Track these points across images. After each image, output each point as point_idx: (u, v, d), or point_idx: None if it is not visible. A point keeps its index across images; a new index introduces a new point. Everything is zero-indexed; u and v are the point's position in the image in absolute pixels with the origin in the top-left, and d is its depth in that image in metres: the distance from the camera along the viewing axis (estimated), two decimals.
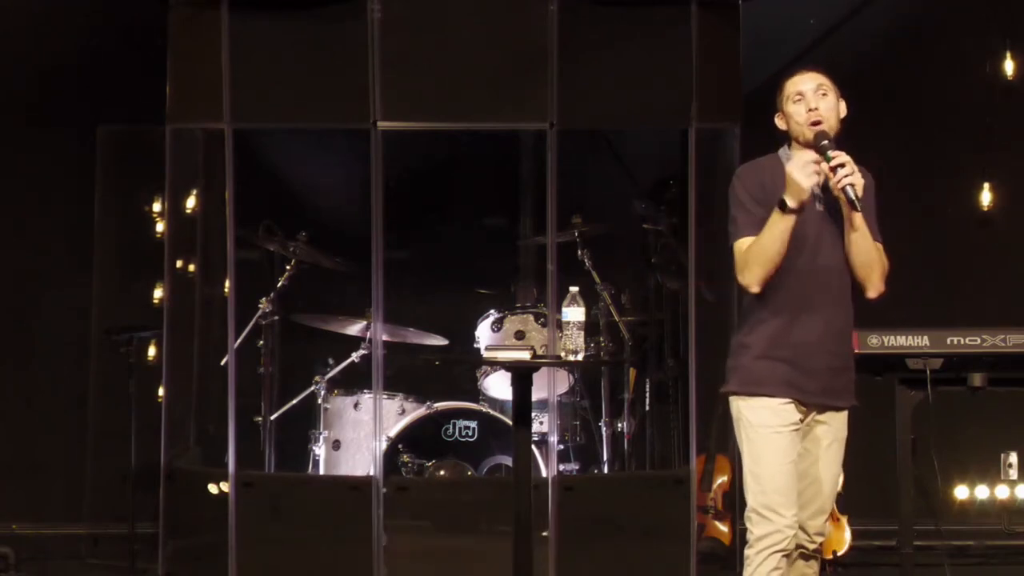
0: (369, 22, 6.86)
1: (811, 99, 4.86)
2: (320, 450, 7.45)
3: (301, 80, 6.94)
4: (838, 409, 4.92)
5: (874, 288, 4.86)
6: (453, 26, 6.94)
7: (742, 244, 4.81)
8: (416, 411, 7.33)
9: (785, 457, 4.80)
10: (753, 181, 4.91)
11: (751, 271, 4.75)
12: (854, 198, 4.70)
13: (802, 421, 4.86)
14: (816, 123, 4.83)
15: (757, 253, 4.75)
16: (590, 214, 7.61)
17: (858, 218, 4.76)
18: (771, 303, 4.81)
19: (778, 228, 4.70)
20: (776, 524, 4.76)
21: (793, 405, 4.82)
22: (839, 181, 4.69)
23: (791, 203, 4.67)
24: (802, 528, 4.87)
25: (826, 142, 4.79)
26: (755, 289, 4.77)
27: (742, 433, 4.88)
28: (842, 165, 4.71)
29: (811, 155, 4.71)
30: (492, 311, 7.62)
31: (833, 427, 4.92)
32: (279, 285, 7.66)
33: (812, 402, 4.85)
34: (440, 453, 7.31)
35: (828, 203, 4.86)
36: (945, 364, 5.52)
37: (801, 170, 4.66)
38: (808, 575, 4.96)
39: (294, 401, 7.68)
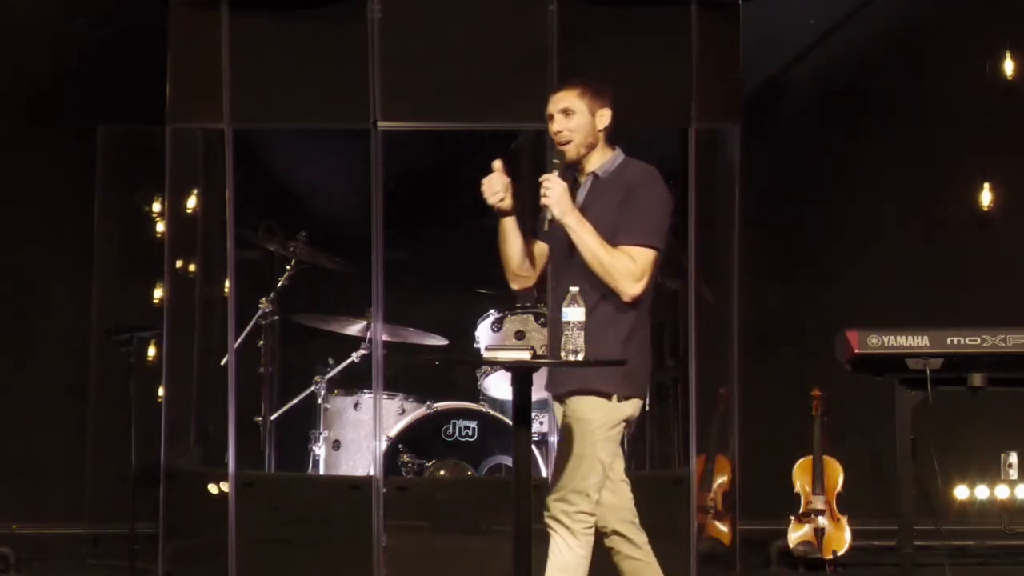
0: (369, 22, 6.87)
1: (556, 122, 5.10)
2: (320, 450, 7.45)
3: (301, 80, 6.95)
4: (565, 396, 5.08)
5: (621, 294, 4.98)
6: (453, 26, 6.95)
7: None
8: (416, 411, 7.33)
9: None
10: None
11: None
12: (548, 218, 4.99)
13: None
14: (561, 144, 5.09)
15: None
16: None
17: (572, 236, 4.96)
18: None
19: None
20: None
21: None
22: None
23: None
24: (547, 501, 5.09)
25: (556, 161, 5.06)
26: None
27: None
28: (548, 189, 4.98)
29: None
30: (492, 311, 7.62)
31: (566, 411, 5.09)
32: (279, 285, 7.66)
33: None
34: (440, 453, 7.31)
35: (585, 200, 5.10)
36: (945, 364, 5.51)
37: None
38: (555, 558, 5.05)
39: (294, 401, 7.68)
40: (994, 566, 7.48)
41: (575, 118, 5.06)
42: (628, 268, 4.93)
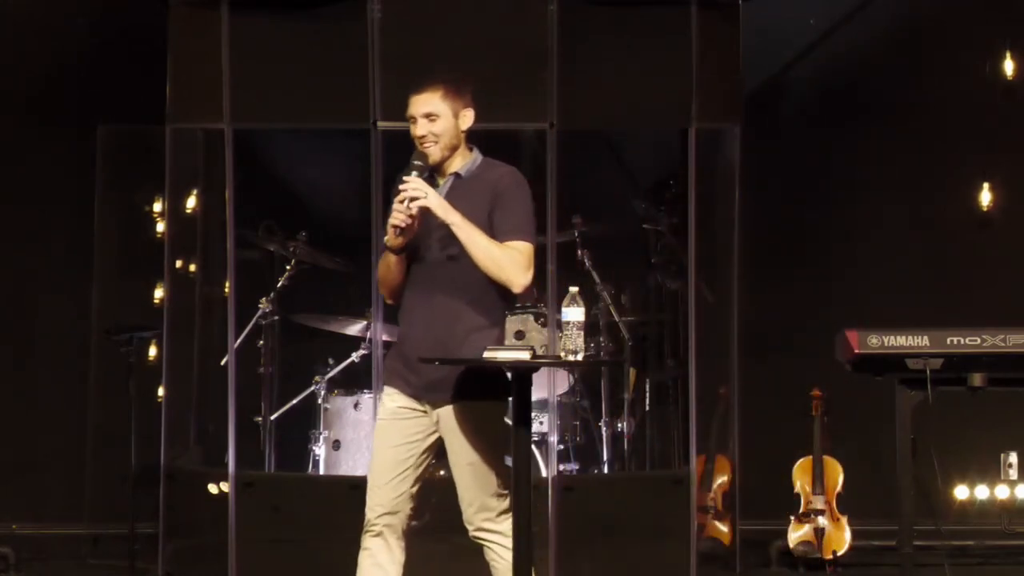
0: (369, 22, 6.87)
1: (420, 126, 5.02)
2: (320, 450, 7.45)
3: (301, 80, 6.95)
4: (448, 402, 4.99)
5: (513, 285, 4.96)
6: (453, 26, 6.95)
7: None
8: None
9: (382, 443, 5.05)
10: None
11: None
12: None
13: (424, 413, 5.03)
14: (425, 147, 5.00)
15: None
16: (590, 214, 7.61)
17: (460, 234, 4.88)
18: (403, 295, 5.07)
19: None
20: (368, 504, 5.04)
21: (402, 395, 5.03)
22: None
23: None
24: (466, 518, 5.05)
25: (419, 163, 4.98)
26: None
27: None
28: (410, 197, 4.90)
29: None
30: None
31: (449, 418, 5.00)
32: (279, 285, 7.66)
33: (418, 395, 5.02)
34: (440, 453, 7.29)
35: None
36: (945, 364, 5.49)
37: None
38: (494, 566, 5.03)
39: (294, 401, 7.68)
40: (994, 566, 7.48)
41: (439, 122, 4.99)
42: (518, 260, 4.94)
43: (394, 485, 5.02)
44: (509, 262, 4.93)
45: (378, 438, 5.07)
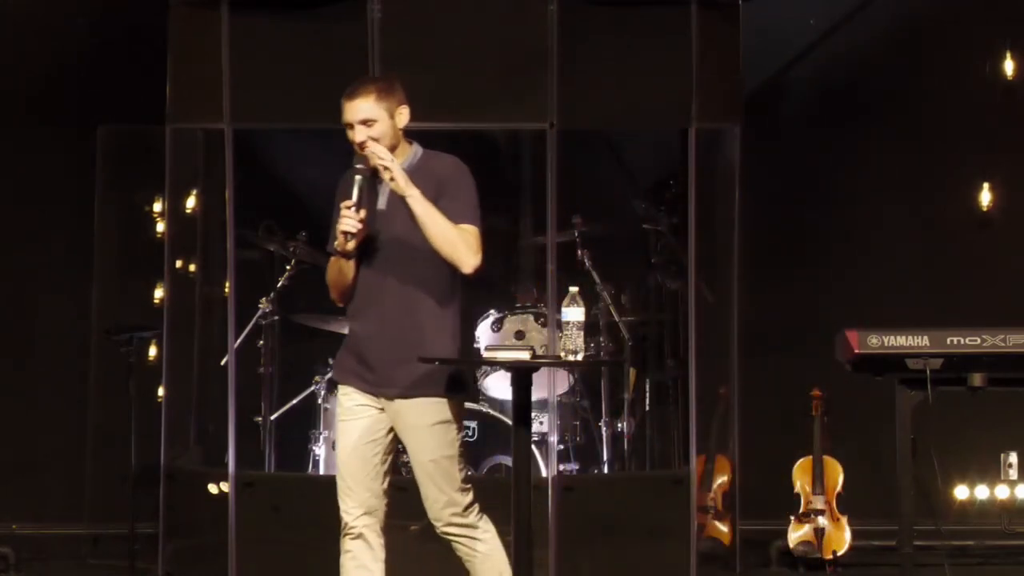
0: (369, 22, 6.87)
1: (358, 132, 5.00)
2: (320, 450, 7.45)
3: (301, 80, 6.94)
4: (405, 397, 4.98)
5: (464, 265, 4.96)
6: (453, 26, 6.95)
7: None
8: None
9: (347, 444, 5.04)
10: None
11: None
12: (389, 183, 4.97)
13: (382, 410, 5.02)
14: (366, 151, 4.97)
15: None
16: (590, 214, 7.61)
17: (416, 207, 4.89)
18: (353, 295, 5.08)
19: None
20: (343, 508, 5.06)
21: (360, 393, 5.02)
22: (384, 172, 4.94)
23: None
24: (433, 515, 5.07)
25: (360, 167, 4.98)
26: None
27: None
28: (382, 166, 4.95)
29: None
30: (492, 311, 7.62)
31: (408, 414, 4.99)
32: (279, 285, 7.67)
33: (375, 392, 5.01)
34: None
35: (389, 200, 5.03)
36: (945, 364, 5.50)
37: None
38: (469, 561, 5.07)
39: (294, 401, 7.68)
40: (994, 566, 7.48)
41: (377, 126, 4.98)
42: (469, 241, 4.96)
43: (367, 484, 5.02)
44: (462, 242, 4.94)
45: (342, 439, 5.06)
